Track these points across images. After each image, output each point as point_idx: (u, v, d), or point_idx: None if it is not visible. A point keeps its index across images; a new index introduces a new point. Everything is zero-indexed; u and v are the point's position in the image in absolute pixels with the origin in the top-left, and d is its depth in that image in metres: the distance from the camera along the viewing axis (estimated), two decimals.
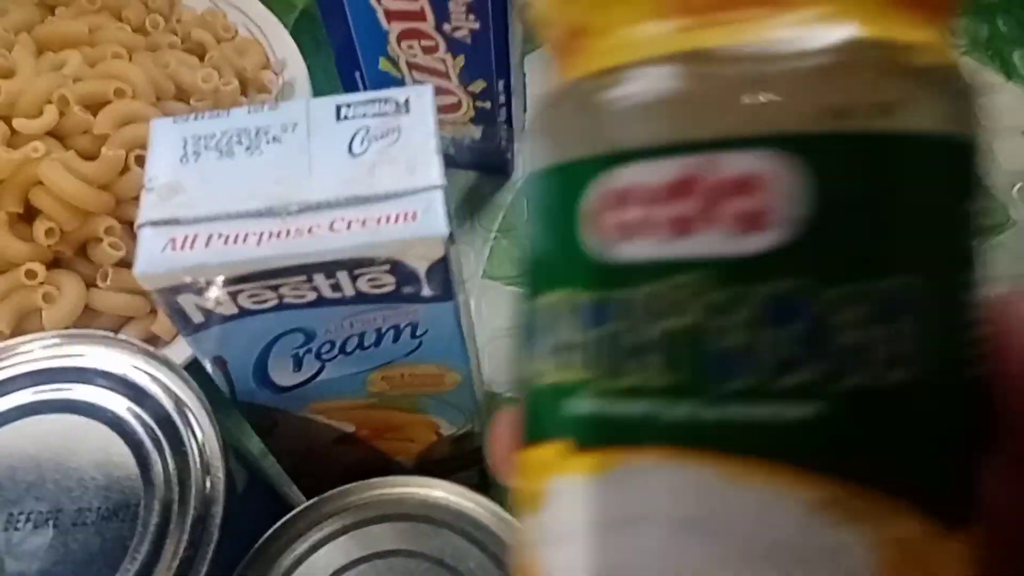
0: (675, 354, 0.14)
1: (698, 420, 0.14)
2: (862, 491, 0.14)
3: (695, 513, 0.14)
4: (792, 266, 0.14)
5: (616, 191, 0.15)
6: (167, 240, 0.25)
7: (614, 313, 0.15)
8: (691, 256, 0.14)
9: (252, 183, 0.26)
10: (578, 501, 0.16)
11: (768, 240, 0.14)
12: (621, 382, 0.15)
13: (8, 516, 0.30)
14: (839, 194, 0.14)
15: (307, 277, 0.26)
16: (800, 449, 0.14)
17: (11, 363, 0.32)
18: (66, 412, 0.32)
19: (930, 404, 0.15)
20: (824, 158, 0.14)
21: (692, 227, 0.14)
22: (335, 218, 0.25)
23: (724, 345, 0.14)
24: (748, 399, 0.14)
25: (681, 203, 0.14)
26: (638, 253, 0.15)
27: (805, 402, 0.14)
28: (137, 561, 0.28)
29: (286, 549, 0.30)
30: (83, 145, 0.44)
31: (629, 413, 0.15)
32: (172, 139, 0.27)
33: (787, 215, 0.14)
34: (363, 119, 0.27)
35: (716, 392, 0.14)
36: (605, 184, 0.15)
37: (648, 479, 0.15)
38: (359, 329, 0.29)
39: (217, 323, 0.27)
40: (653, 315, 0.15)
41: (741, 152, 0.14)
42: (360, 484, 0.31)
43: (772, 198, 0.14)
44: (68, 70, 0.45)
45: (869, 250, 0.14)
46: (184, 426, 0.31)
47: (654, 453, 0.15)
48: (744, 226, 0.14)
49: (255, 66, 0.52)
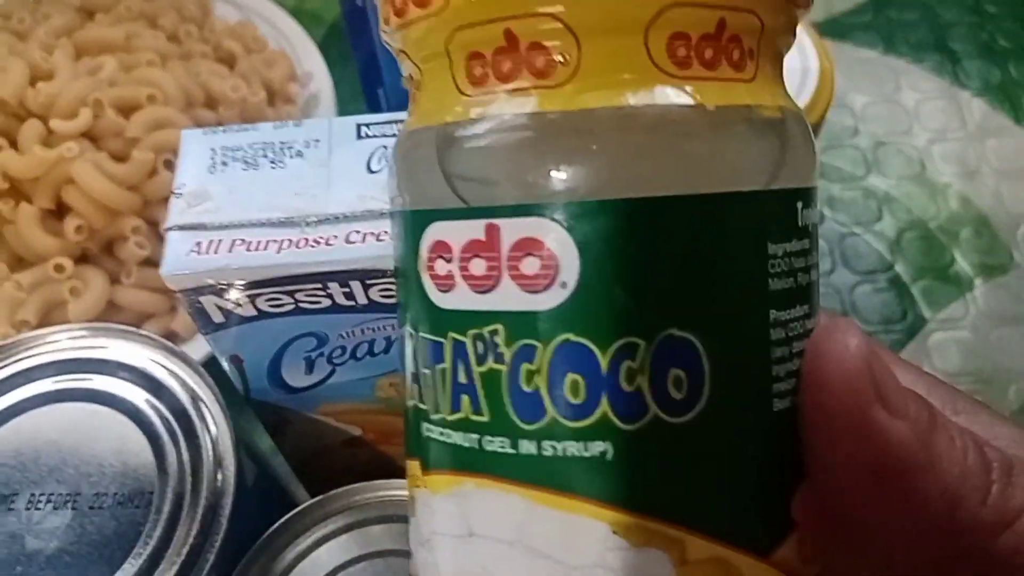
0: (488, 394, 0.17)
1: (508, 454, 0.16)
2: (653, 519, 0.16)
3: (515, 535, 0.17)
4: (573, 322, 0.16)
5: (438, 244, 0.17)
6: (193, 244, 0.27)
7: (444, 353, 0.17)
8: (491, 310, 0.16)
9: (275, 194, 0.28)
10: (428, 514, 0.18)
11: (551, 298, 0.16)
12: (451, 415, 0.17)
13: (30, 496, 0.31)
14: (604, 257, 0.16)
15: (322, 285, 0.27)
16: (594, 483, 0.16)
17: (39, 351, 0.34)
18: (88, 401, 0.33)
19: (713, 443, 0.16)
20: (587, 225, 0.15)
21: (491, 283, 0.16)
22: (351, 230, 0.27)
23: (526, 388, 0.16)
24: (547, 437, 0.16)
25: (482, 261, 0.16)
26: (455, 303, 0.17)
27: (595, 441, 0.16)
28: (149, 546, 0.30)
29: (290, 543, 0.31)
30: (115, 147, 0.46)
31: (458, 443, 0.17)
32: (201, 149, 0.29)
33: (564, 276, 0.16)
34: (382, 138, 0.29)
35: (521, 430, 0.16)
36: (431, 236, 0.17)
37: (476, 502, 0.17)
38: (370, 336, 0.30)
39: (236, 324, 0.29)
40: (471, 358, 0.17)
41: (523, 218, 0.16)
42: (364, 484, 0.32)
43: (550, 261, 0.16)
44: (104, 75, 0.47)
45: (642, 308, 0.16)
46: (199, 420, 0.32)
47: (479, 479, 0.17)
48: (531, 286, 0.16)
49: (282, 78, 0.54)
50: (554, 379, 0.16)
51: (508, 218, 0.16)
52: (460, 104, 0.17)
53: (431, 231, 0.17)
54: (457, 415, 0.17)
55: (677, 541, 0.16)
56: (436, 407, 0.17)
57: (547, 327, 0.16)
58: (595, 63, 0.15)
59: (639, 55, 0.15)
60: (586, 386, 0.16)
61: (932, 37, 0.66)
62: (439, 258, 0.17)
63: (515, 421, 0.16)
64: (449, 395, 0.17)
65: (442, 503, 0.18)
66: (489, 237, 0.16)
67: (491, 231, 0.16)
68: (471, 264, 0.16)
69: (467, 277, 0.16)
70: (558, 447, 0.16)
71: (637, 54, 0.15)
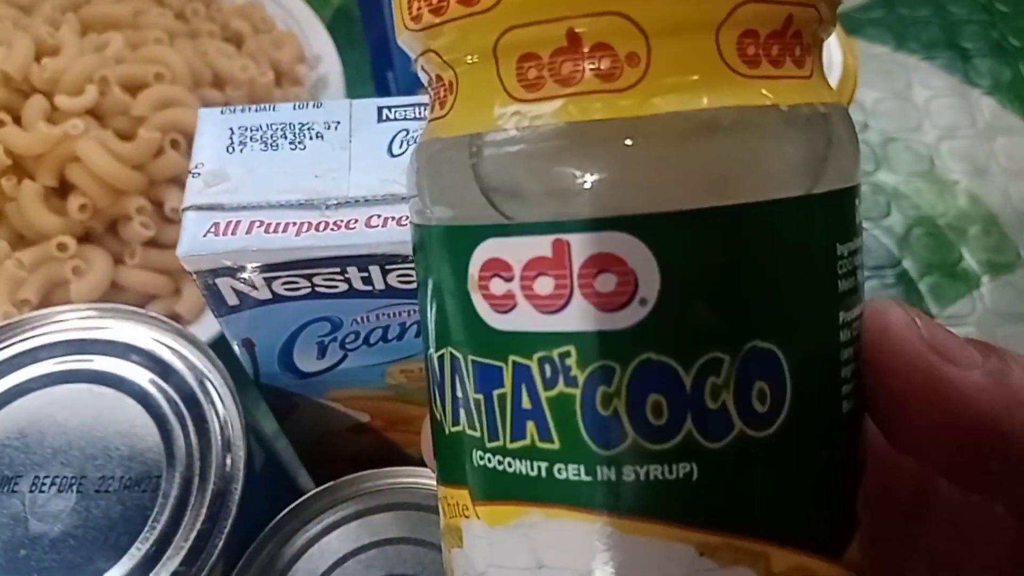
0: (559, 420, 0.15)
1: (584, 481, 0.15)
2: (740, 537, 0.15)
3: (592, 565, 0.16)
4: (654, 340, 0.15)
5: (493, 262, 0.16)
6: (210, 224, 0.26)
7: (503, 377, 0.16)
8: (562, 331, 0.15)
9: (294, 176, 0.27)
10: (484, 547, 0.17)
11: (630, 316, 0.15)
12: (513, 443, 0.16)
13: (34, 479, 0.31)
14: (686, 271, 0.15)
15: (341, 269, 0.27)
16: (679, 506, 0.15)
17: (45, 331, 0.33)
18: (94, 383, 0.33)
19: (795, 454, 0.16)
20: (668, 238, 0.15)
21: (561, 303, 0.15)
22: (372, 214, 0.26)
23: (603, 413, 0.15)
24: (628, 463, 0.15)
25: (549, 279, 0.15)
26: (516, 324, 0.16)
27: (679, 464, 0.15)
28: (156, 530, 0.29)
29: (299, 530, 0.31)
30: (121, 126, 0.45)
31: (522, 472, 0.16)
32: (219, 128, 0.28)
33: (644, 293, 0.15)
34: (404, 121, 0.28)
35: (598, 456, 0.15)
36: (484, 254, 0.16)
37: (545, 533, 0.16)
38: (384, 322, 0.30)
39: (250, 307, 0.28)
40: (538, 382, 0.16)
41: (598, 233, 0.15)
42: (374, 472, 0.32)
43: (628, 277, 0.15)
44: (111, 52, 0.47)
45: (725, 322, 0.15)
46: (207, 403, 0.32)
47: (548, 510, 0.16)
48: (607, 304, 0.15)
49: (290, 59, 0.54)
50: (634, 401, 0.15)
51: (578, 233, 0.15)
52: (510, 109, 0.15)
53: (484, 248, 0.16)
54: (520, 443, 0.16)
55: (762, 556, 0.15)
56: (492, 434, 0.16)
57: (625, 347, 0.15)
58: (665, 64, 0.15)
59: (711, 55, 0.15)
60: (669, 406, 0.15)
61: (943, 35, 0.65)
62: (495, 277, 0.16)
63: (591, 447, 0.15)
64: (510, 422, 0.16)
65: (503, 535, 0.17)
66: (557, 254, 0.15)
67: (559, 247, 0.15)
68: (536, 283, 0.15)
69: (531, 297, 0.15)
70: (640, 472, 0.15)
71: (708, 54, 0.15)
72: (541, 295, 0.15)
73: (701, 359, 0.15)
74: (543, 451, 0.16)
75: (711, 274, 0.15)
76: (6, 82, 0.44)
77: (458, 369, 0.17)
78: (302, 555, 0.30)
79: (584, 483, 0.15)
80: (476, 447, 0.17)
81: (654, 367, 0.15)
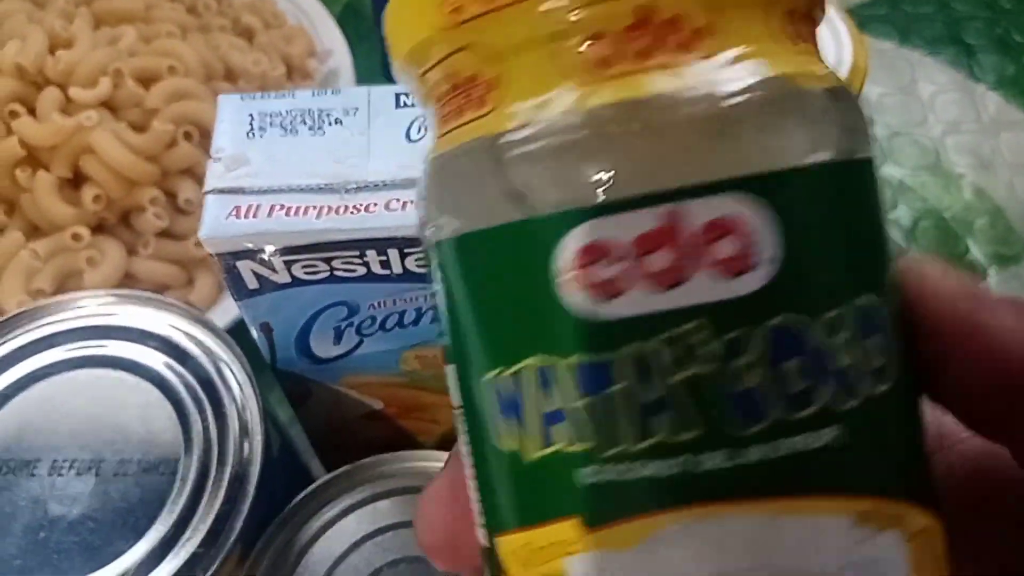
0: (697, 404, 0.14)
1: (730, 468, 0.14)
2: (885, 500, 0.15)
3: (753, 560, 0.14)
4: (784, 301, 0.14)
5: (593, 247, 0.14)
6: (231, 207, 0.27)
7: (615, 374, 0.14)
8: (686, 305, 0.14)
9: (314, 160, 0.28)
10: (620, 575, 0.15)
11: (756, 279, 0.14)
12: (639, 443, 0.15)
13: (53, 462, 0.31)
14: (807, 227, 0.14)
15: (360, 252, 0.27)
16: (829, 475, 0.14)
17: (63, 317, 0.34)
18: (112, 368, 0.33)
19: (906, 407, 0.16)
20: (786, 195, 0.14)
21: (680, 276, 0.14)
22: (391, 198, 0.27)
23: (741, 387, 0.14)
24: (775, 436, 0.14)
25: (663, 254, 0.14)
26: (629, 309, 0.14)
27: (823, 429, 0.14)
28: (174, 513, 0.30)
29: (316, 513, 0.31)
30: (134, 118, 0.45)
31: (656, 475, 0.14)
32: (239, 114, 0.29)
33: (768, 253, 0.14)
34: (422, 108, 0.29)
35: (743, 437, 0.14)
36: (580, 240, 0.14)
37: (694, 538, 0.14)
38: (400, 307, 0.30)
39: (270, 290, 0.28)
40: (660, 370, 0.14)
41: (711, 197, 0.14)
42: (390, 456, 0.32)
43: (751, 239, 0.14)
44: (124, 45, 0.47)
45: (842, 275, 0.15)
46: (224, 388, 0.32)
47: (694, 510, 0.14)
48: (731, 269, 0.14)
49: (301, 53, 0.54)
50: (774, 369, 0.14)
51: (691, 200, 0.14)
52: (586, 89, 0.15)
53: (578, 234, 0.14)
54: (650, 440, 0.14)
55: (903, 517, 0.15)
56: (610, 441, 0.15)
57: (757, 312, 0.14)
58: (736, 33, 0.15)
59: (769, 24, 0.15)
60: (807, 369, 0.14)
61: (947, 31, 0.66)
62: (595, 263, 0.14)
63: (736, 427, 0.14)
64: (634, 420, 0.14)
65: (638, 558, 0.15)
66: (670, 225, 0.14)
67: (672, 218, 0.14)
68: (649, 260, 0.14)
69: (645, 275, 0.14)
70: (788, 444, 0.14)
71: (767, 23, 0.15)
72: (656, 272, 0.14)
73: (826, 316, 0.14)
74: (681, 444, 0.14)
75: (829, 228, 0.15)
76: (20, 74, 0.44)
77: (549, 380, 0.15)
78: (318, 538, 0.31)
79: (731, 469, 0.14)
80: (587, 462, 0.15)
81: (787, 330, 0.14)
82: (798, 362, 0.14)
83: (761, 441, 0.14)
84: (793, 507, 0.14)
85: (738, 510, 0.14)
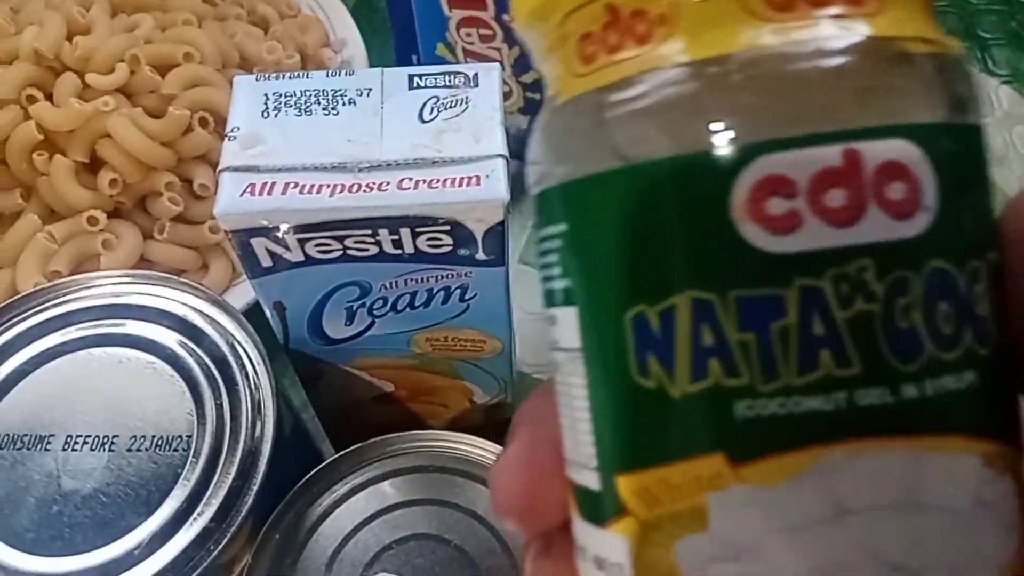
0: (859, 341, 0.15)
1: (888, 404, 0.15)
2: (1007, 444, 0.16)
3: (900, 496, 0.15)
4: (941, 247, 0.15)
5: (773, 179, 0.15)
6: (246, 185, 0.27)
7: (783, 308, 0.15)
8: (857, 244, 0.15)
9: (327, 140, 0.28)
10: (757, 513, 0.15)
11: (920, 224, 0.15)
12: (803, 377, 0.15)
13: (67, 437, 0.32)
14: (957, 180, 0.15)
15: (372, 231, 0.27)
16: (966, 417, 0.15)
17: (79, 296, 0.34)
18: (127, 347, 0.33)
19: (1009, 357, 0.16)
20: (942, 147, 0.15)
21: (854, 215, 0.14)
22: (403, 177, 0.27)
23: (903, 325, 0.15)
24: (927, 375, 0.15)
25: (840, 191, 0.14)
26: (802, 244, 0.15)
27: (965, 372, 0.15)
28: (187, 488, 0.30)
29: (326, 491, 0.31)
30: (150, 104, 0.46)
31: (815, 409, 0.15)
32: (254, 94, 0.29)
33: (929, 200, 0.15)
34: (434, 89, 0.29)
35: (901, 373, 0.15)
36: (761, 173, 0.15)
37: (847, 473, 0.15)
38: (412, 288, 0.31)
39: (283, 269, 0.29)
40: (828, 306, 0.15)
41: (884, 141, 0.15)
42: (400, 435, 0.32)
43: (918, 183, 0.15)
44: (140, 32, 0.47)
45: (984, 228, 0.16)
46: (238, 368, 0.33)
47: (849, 445, 0.15)
48: (899, 211, 0.15)
49: (316, 43, 0.54)
50: (929, 310, 0.15)
51: (866, 141, 0.15)
52: (768, 28, 0.15)
53: (759, 165, 0.15)
54: (812, 375, 0.15)
55: (1015, 461, 0.16)
56: (769, 375, 0.15)
57: (918, 255, 0.15)
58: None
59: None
60: (955, 313, 0.15)
61: (961, 24, 0.66)
62: (773, 196, 0.15)
63: (895, 365, 0.15)
64: (797, 355, 0.15)
65: (787, 492, 0.15)
66: (848, 163, 0.14)
67: (850, 156, 0.14)
68: (827, 196, 0.14)
69: (822, 212, 0.14)
70: (937, 384, 0.15)
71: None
72: (833, 208, 0.15)
73: (970, 264, 0.15)
74: (842, 379, 0.15)
75: (971, 186, 0.16)
76: (38, 60, 0.45)
77: (708, 314, 0.15)
78: (328, 515, 0.31)
79: (888, 406, 0.15)
80: (742, 396, 0.15)
81: (941, 273, 0.15)
82: (948, 307, 0.15)
83: (914, 380, 0.15)
84: (936, 445, 0.15)
85: (889, 446, 0.15)
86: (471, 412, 0.39)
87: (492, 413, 0.39)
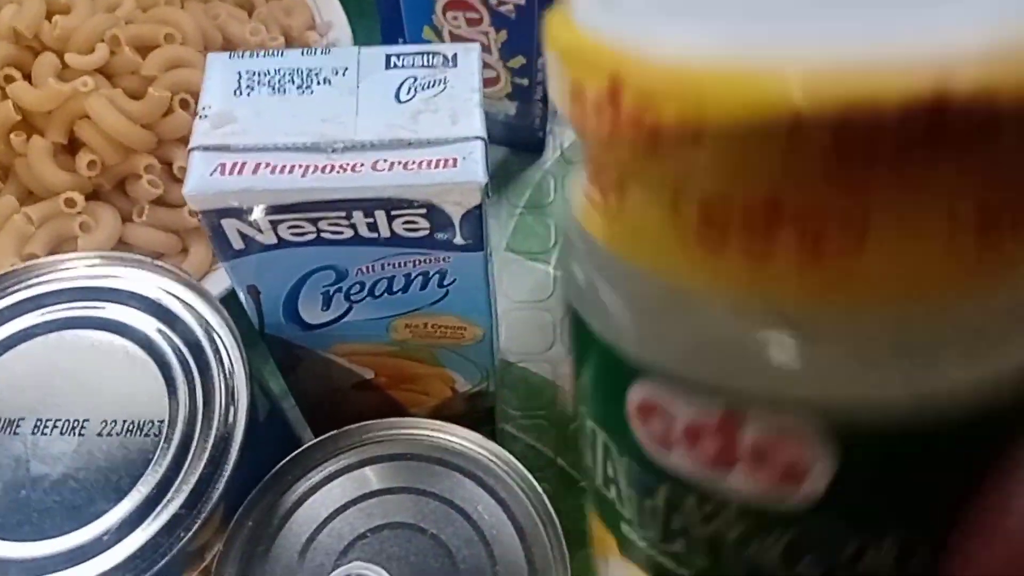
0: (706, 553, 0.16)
1: None
2: None
3: None
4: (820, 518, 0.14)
5: (650, 407, 0.15)
6: (216, 164, 0.26)
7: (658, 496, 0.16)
8: (729, 489, 0.14)
9: (301, 119, 0.27)
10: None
11: (800, 492, 0.14)
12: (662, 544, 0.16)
13: (36, 421, 0.31)
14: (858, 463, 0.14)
15: (346, 213, 0.27)
16: None
17: (51, 278, 0.34)
18: (99, 329, 0.33)
19: None
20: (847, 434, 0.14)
21: (726, 468, 0.14)
22: (378, 158, 0.26)
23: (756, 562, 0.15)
24: None
25: (719, 442, 0.14)
26: (676, 465, 0.15)
27: None
28: (158, 473, 0.30)
29: (301, 477, 0.31)
30: (130, 85, 0.45)
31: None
32: (227, 72, 0.28)
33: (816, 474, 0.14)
34: (411, 69, 0.28)
35: None
36: (641, 395, 0.15)
37: None
38: (389, 272, 0.30)
39: (256, 251, 0.28)
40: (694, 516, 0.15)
41: (775, 413, 0.14)
42: (377, 422, 0.32)
43: (803, 457, 0.14)
44: (121, 12, 0.47)
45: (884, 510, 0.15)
46: (212, 352, 0.32)
47: None
48: (778, 478, 0.14)
49: (301, 26, 0.54)
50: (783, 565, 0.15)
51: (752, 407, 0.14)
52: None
53: (640, 390, 0.15)
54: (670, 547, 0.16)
55: None
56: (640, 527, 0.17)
57: (786, 520, 0.15)
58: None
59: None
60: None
61: None
62: (653, 418, 0.15)
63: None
64: (660, 529, 0.16)
65: None
66: (725, 419, 0.14)
67: (728, 416, 0.14)
68: (700, 444, 0.14)
69: (691, 451, 0.14)
70: None
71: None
72: (704, 454, 0.14)
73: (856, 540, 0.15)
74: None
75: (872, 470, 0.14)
76: (17, 39, 0.44)
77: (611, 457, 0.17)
78: (303, 502, 0.31)
79: None
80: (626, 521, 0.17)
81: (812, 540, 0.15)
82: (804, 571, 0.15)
83: None
84: None
85: None
86: (453, 400, 0.39)
87: (474, 402, 0.39)
